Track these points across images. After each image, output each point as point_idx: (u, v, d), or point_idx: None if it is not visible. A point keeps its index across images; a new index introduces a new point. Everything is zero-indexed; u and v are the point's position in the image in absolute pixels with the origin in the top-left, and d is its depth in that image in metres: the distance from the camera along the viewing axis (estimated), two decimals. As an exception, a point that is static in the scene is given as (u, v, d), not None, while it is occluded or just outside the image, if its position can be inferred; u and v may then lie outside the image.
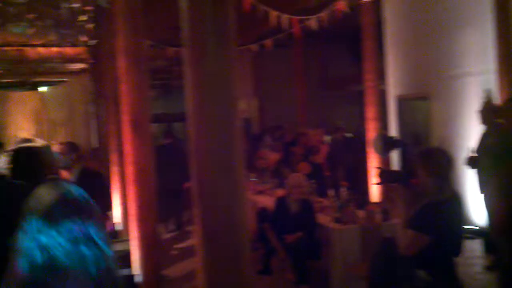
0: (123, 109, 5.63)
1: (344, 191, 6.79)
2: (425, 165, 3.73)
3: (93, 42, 9.00)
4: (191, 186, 2.97)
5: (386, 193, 7.48)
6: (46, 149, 4.09)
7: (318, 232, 6.46)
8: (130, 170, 5.35)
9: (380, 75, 9.66)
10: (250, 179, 8.55)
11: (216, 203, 2.82)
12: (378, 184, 4.57)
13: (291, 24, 8.38)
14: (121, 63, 5.60)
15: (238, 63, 2.99)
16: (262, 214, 7.37)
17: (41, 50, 10.70)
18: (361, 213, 6.43)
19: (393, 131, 10.22)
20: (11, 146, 5.55)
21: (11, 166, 3.47)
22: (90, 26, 7.76)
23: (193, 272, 6.49)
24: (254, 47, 10.57)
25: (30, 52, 10.85)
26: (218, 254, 2.85)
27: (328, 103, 15.24)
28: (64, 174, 5.73)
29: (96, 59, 10.56)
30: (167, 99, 15.95)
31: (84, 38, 8.75)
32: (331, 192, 7.03)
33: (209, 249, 2.88)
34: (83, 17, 7.04)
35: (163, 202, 6.40)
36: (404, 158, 9.18)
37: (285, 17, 8.03)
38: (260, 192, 8.45)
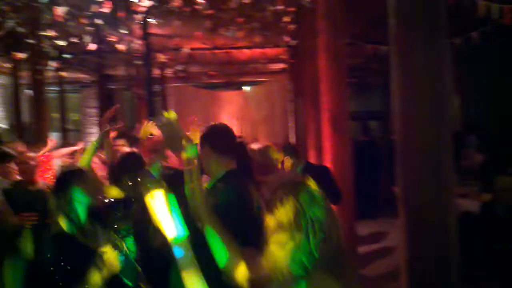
0: (322, 106, 5.74)
1: None
2: None
3: (294, 42, 9.31)
4: (396, 185, 2.91)
5: None
6: (264, 149, 4.36)
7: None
8: (328, 166, 5.43)
9: None
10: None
11: (423, 203, 2.72)
12: None
13: (501, 14, 7.69)
14: (321, 62, 5.71)
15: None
16: (465, 218, 6.90)
17: (246, 51, 11.39)
18: None
19: None
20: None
21: None
22: (292, 26, 8.03)
23: (391, 272, 6.39)
24: (458, 40, 9.92)
25: (237, 54, 11.64)
26: (423, 255, 2.75)
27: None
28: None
29: (296, 58, 10.93)
30: (363, 97, 15.83)
31: (286, 39, 9.11)
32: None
33: (414, 250, 2.80)
34: (287, 18, 7.32)
35: (359, 199, 6.38)
36: None
37: (495, 7, 7.39)
38: (463, 195, 7.91)
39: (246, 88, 16.93)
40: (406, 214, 2.81)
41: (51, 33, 6.95)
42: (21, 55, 7.84)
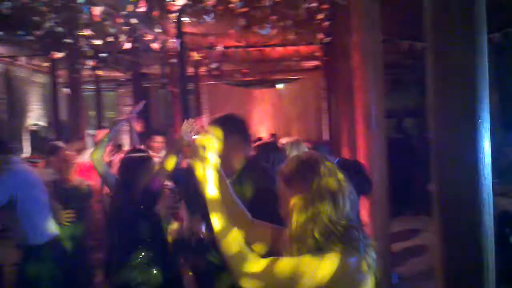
0: (356, 104, 5.69)
1: None
2: None
3: (327, 39, 9.26)
4: (431, 183, 2.87)
5: None
6: (295, 143, 4.36)
7: None
8: (361, 162, 5.38)
9: None
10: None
11: (458, 202, 2.66)
12: None
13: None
14: (355, 59, 5.66)
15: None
16: (504, 218, 6.75)
17: (280, 49, 11.38)
18: None
19: None
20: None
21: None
22: (326, 24, 7.99)
23: (426, 271, 6.30)
24: (497, 35, 9.66)
25: (270, 51, 11.64)
26: (459, 254, 2.70)
27: None
28: None
29: (329, 56, 10.87)
30: (398, 94, 15.63)
31: (320, 36, 9.07)
32: None
33: (449, 250, 2.75)
34: (320, 16, 7.29)
35: (394, 197, 6.30)
36: None
37: (537, 0, 7.18)
38: (502, 194, 7.73)
39: (280, 86, 16.93)
40: (441, 213, 2.76)
41: (88, 32, 7.09)
42: (59, 55, 8.02)
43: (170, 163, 3.51)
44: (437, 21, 2.73)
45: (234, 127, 2.63)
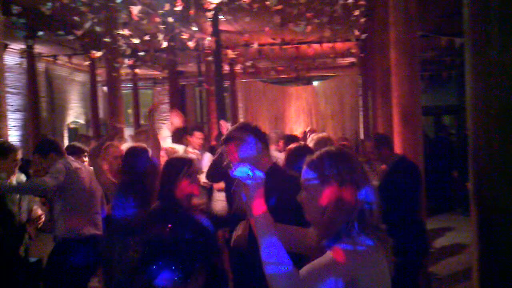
0: (392, 101, 5.63)
1: None
2: None
3: (364, 36, 9.16)
4: (469, 181, 2.82)
5: None
6: (323, 139, 4.34)
7: None
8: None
9: None
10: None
11: (495, 204, 2.60)
12: None
13: None
14: (392, 55, 5.59)
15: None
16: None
17: (315, 46, 11.34)
18: None
19: None
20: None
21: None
22: (362, 20, 7.91)
23: (463, 271, 6.20)
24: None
25: (306, 49, 11.60)
26: (496, 253, 2.65)
27: None
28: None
29: (366, 52, 10.76)
30: (436, 91, 15.37)
31: (356, 33, 8.98)
32: None
33: (486, 248, 2.70)
34: (357, 12, 7.22)
35: (432, 195, 6.21)
36: None
37: None
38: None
39: (315, 83, 16.86)
40: (478, 211, 2.71)
41: (126, 31, 7.22)
42: (98, 53, 8.18)
43: None
44: (476, 17, 2.67)
45: (263, 135, 2.71)
